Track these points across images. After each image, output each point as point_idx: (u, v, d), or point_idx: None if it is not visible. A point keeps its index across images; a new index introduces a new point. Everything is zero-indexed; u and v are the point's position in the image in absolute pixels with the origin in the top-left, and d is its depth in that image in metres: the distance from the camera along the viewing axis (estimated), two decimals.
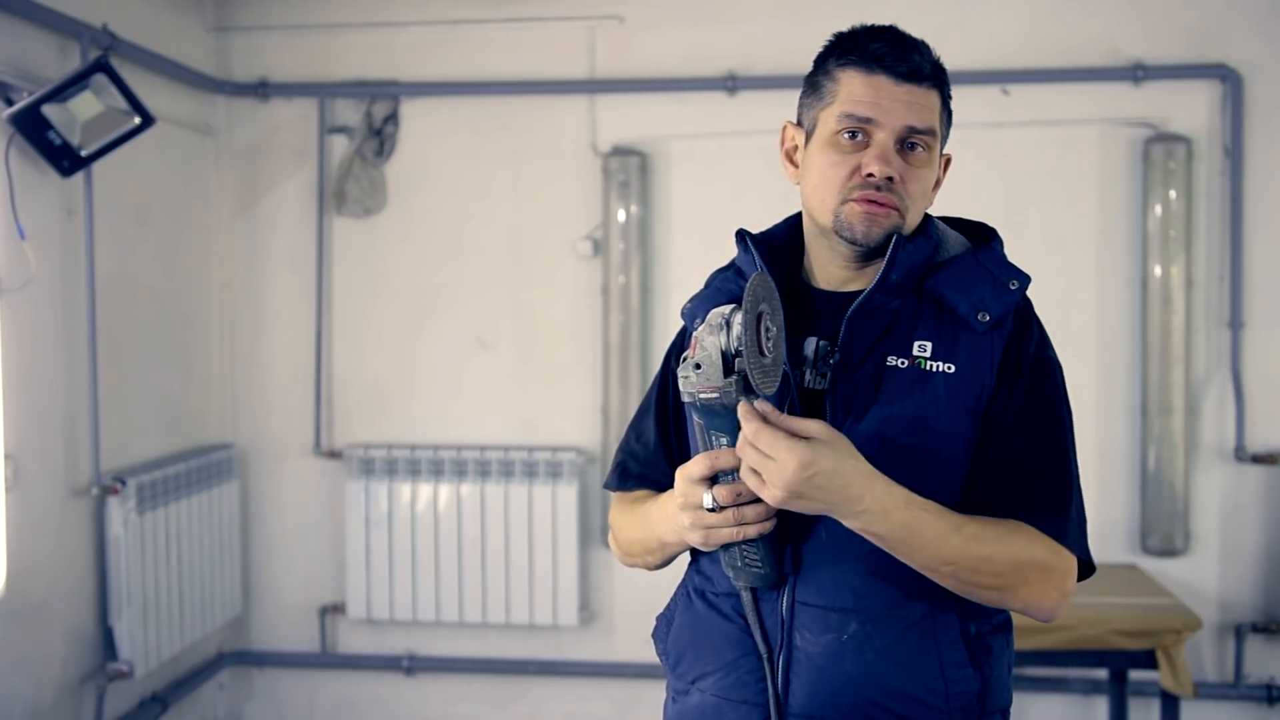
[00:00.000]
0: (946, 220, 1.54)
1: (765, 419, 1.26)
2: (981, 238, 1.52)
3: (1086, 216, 3.72)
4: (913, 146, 1.41)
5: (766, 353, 1.28)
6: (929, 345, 1.41)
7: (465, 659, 4.00)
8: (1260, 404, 3.66)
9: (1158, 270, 3.63)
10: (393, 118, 3.97)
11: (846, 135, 1.41)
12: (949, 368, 1.40)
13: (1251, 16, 3.65)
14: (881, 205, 1.40)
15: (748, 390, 1.28)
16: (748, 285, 1.27)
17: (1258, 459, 3.64)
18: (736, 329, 1.27)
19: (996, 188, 3.68)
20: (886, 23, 1.47)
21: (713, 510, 1.35)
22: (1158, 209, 3.62)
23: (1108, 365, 3.71)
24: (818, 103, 1.46)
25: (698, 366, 1.28)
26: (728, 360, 1.28)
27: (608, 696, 3.97)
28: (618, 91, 3.87)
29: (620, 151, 3.84)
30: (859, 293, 1.46)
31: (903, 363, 1.40)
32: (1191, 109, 3.67)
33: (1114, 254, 3.72)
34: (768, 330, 1.29)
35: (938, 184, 1.50)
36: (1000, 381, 1.40)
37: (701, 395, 1.29)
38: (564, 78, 3.89)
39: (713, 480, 1.35)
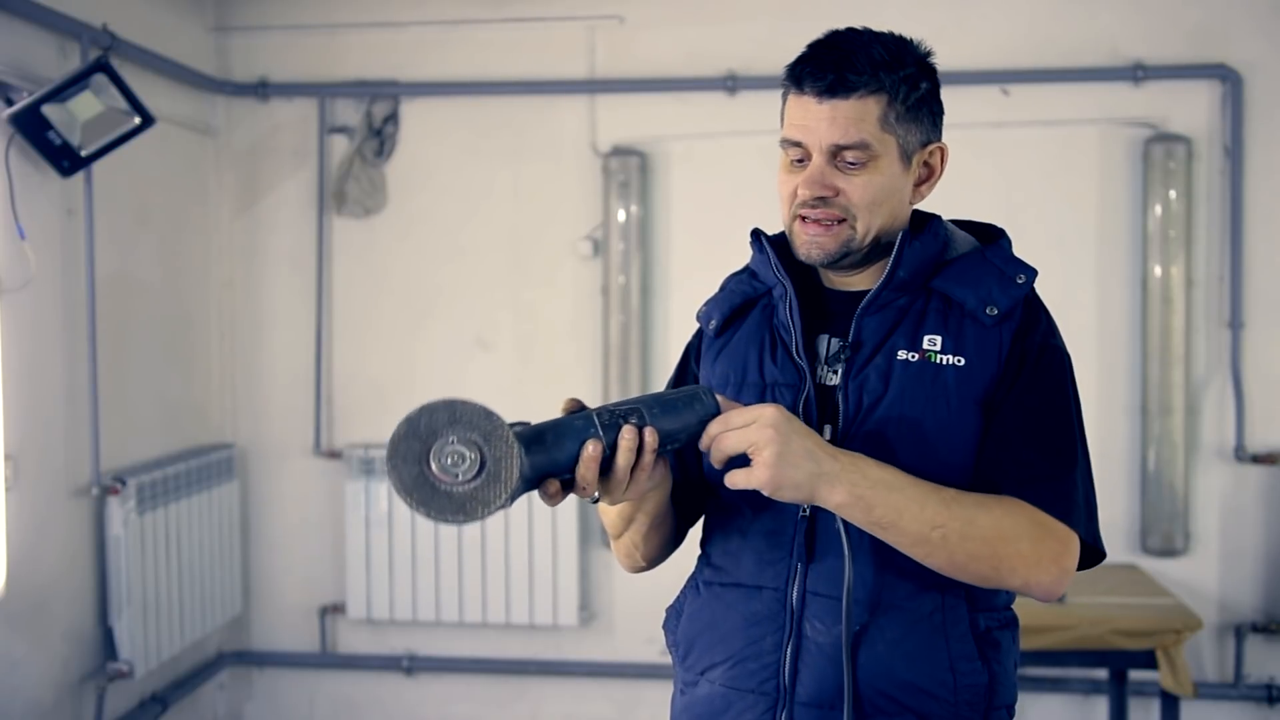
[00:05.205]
0: (956, 223, 1.55)
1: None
2: (990, 238, 1.53)
3: (1086, 216, 3.72)
4: (851, 162, 1.41)
5: (456, 481, 1.20)
6: (939, 339, 1.42)
7: (465, 659, 4.00)
8: (1260, 404, 3.66)
9: (1158, 270, 3.63)
10: (393, 118, 3.97)
11: (795, 159, 1.44)
12: (959, 361, 1.41)
13: (1251, 16, 3.65)
14: (818, 222, 1.42)
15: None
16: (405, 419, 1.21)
17: (1258, 459, 3.64)
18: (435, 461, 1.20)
19: (996, 188, 3.68)
20: (886, 23, 1.47)
21: (595, 501, 1.36)
22: (1158, 209, 3.62)
23: (1108, 365, 3.71)
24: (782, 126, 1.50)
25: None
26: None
27: (608, 696, 3.97)
28: (618, 91, 3.87)
29: (620, 151, 3.84)
30: (867, 291, 1.47)
31: (913, 356, 1.42)
32: (1191, 109, 3.67)
33: (1114, 254, 3.71)
34: (459, 456, 1.20)
35: (933, 176, 1.49)
36: (1006, 370, 1.41)
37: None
38: (564, 78, 3.89)
39: (565, 485, 1.30)
